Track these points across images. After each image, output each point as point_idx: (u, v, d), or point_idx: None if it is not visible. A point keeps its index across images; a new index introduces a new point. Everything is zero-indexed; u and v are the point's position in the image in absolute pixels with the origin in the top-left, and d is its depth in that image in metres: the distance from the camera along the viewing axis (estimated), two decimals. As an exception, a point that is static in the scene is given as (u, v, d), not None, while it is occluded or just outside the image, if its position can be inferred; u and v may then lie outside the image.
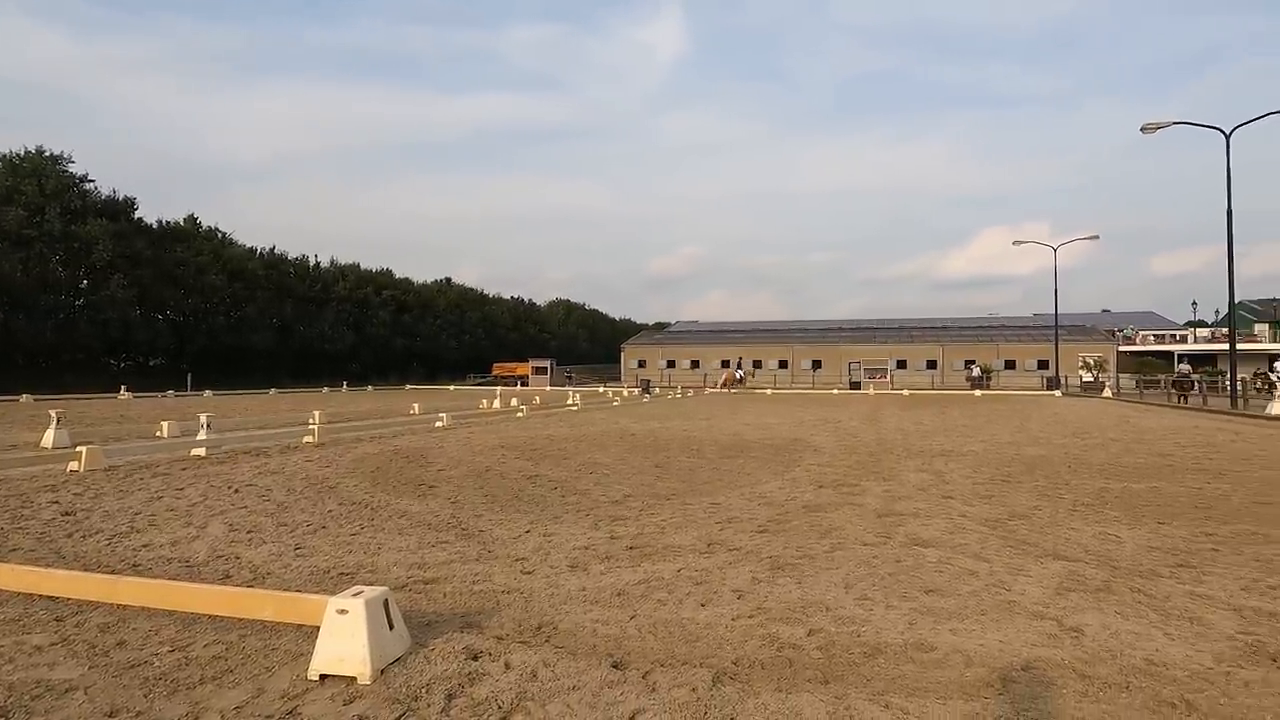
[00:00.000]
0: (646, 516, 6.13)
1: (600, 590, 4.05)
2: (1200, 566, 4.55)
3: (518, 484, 7.87)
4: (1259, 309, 64.91)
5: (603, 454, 10.73)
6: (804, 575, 4.34)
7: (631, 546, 5.07)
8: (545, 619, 3.58)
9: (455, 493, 7.30)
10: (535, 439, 13.05)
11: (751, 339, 68.23)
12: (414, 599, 3.89)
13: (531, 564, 4.62)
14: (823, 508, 6.52)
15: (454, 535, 5.42)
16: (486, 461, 9.77)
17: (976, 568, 4.52)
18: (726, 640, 3.29)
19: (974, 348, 59.31)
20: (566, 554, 4.86)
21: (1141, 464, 9.71)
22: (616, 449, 11.44)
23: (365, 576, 4.30)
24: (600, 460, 9.97)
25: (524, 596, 3.94)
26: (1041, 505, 6.68)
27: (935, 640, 3.28)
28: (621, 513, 6.29)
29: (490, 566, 4.55)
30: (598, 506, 6.58)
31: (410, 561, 4.66)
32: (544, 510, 6.41)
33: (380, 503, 6.74)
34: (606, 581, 4.22)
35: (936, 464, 9.69)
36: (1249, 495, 7.22)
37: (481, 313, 74.95)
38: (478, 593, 4.01)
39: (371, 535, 5.42)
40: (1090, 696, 2.71)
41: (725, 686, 2.78)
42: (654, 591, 4.03)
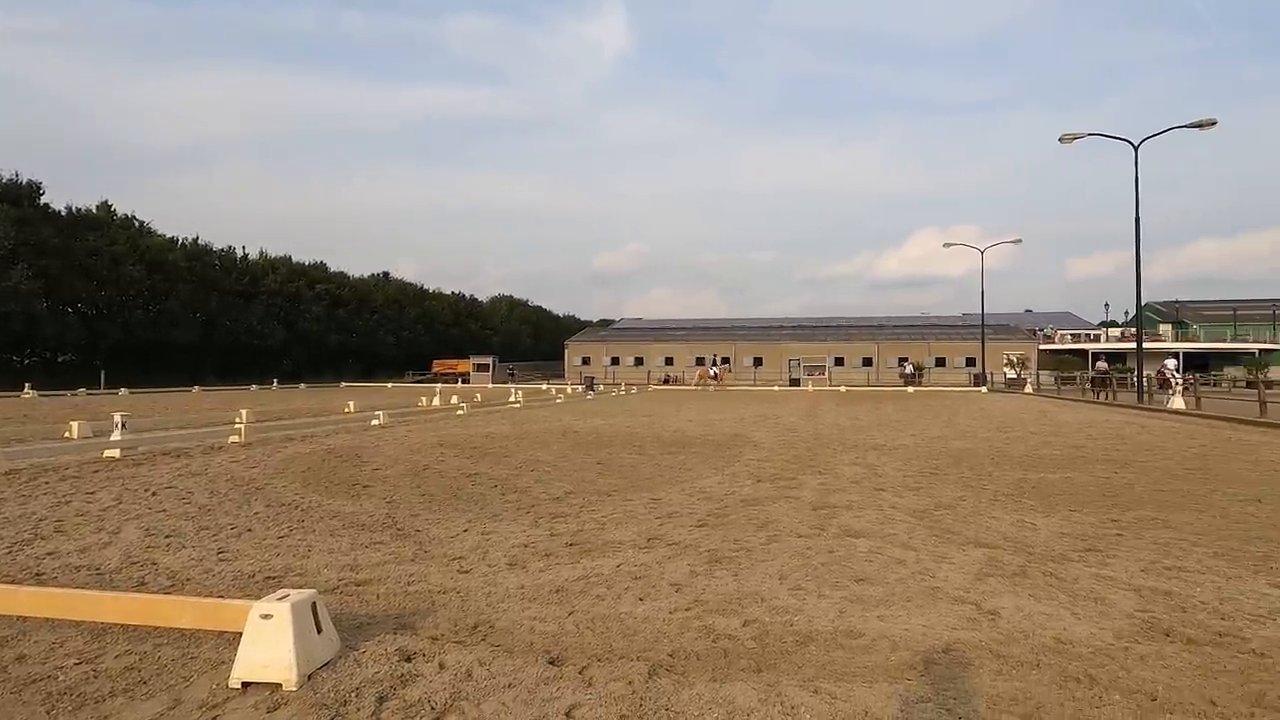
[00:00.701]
0: (587, 513, 6.13)
1: (539, 587, 4.03)
2: (1106, 550, 4.86)
3: (456, 482, 7.74)
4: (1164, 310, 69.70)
5: (544, 451, 10.66)
6: (741, 568, 4.43)
7: (572, 543, 5.06)
8: (482, 618, 3.54)
9: (391, 492, 7.12)
10: (476, 437, 12.85)
11: (695, 336, 68.95)
12: (345, 601, 3.78)
13: (469, 563, 4.55)
14: (760, 501, 6.66)
15: (389, 536, 5.29)
16: (424, 460, 9.57)
17: (904, 556, 4.70)
18: (664, 633, 3.33)
19: (907, 346, 61.58)
20: (505, 552, 4.82)
21: (1057, 456, 10.29)
22: (558, 446, 11.39)
23: (294, 580, 4.15)
24: (542, 458, 9.90)
25: (460, 596, 3.88)
26: (966, 496, 7.00)
27: (864, 627, 3.40)
28: (562, 510, 6.26)
29: (426, 566, 4.46)
30: (538, 504, 6.54)
31: (342, 563, 4.53)
32: (483, 509, 6.32)
33: (311, 504, 6.51)
34: (545, 579, 4.20)
35: (870, 458, 10.03)
36: (1151, 484, 7.75)
37: (421, 308, 73.17)
38: (413, 593, 3.93)
39: (301, 537, 5.23)
40: (1004, 675, 2.87)
41: (661, 678, 2.82)
42: (593, 587, 4.03)
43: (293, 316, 56.78)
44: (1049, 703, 2.62)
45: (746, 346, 65.14)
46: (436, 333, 73.20)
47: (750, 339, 66.46)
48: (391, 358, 65.93)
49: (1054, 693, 2.70)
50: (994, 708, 2.58)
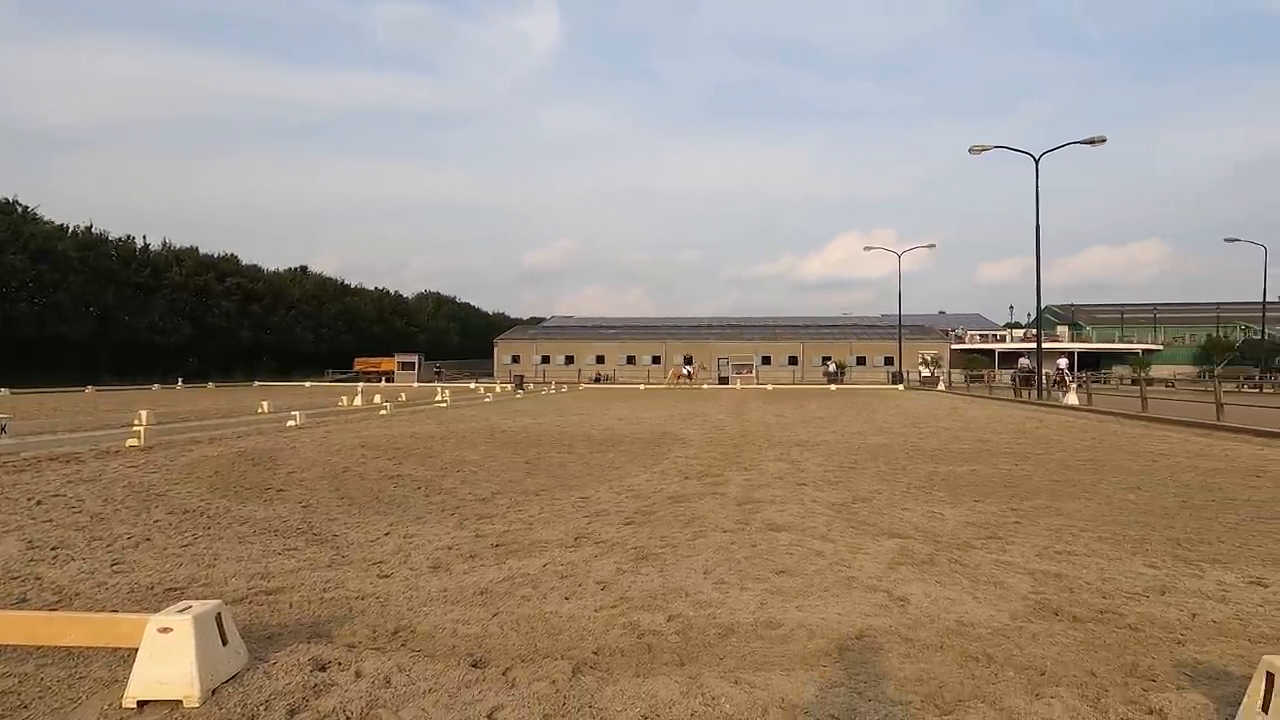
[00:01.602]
0: (514, 513, 6.06)
1: (463, 590, 3.96)
2: (1005, 538, 5.19)
3: (378, 485, 7.50)
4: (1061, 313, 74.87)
5: (471, 451, 10.47)
6: (666, 564, 4.49)
7: (498, 544, 5.00)
8: (403, 623, 3.45)
9: (307, 496, 6.83)
10: (399, 437, 12.48)
11: (626, 335, 69.19)
12: (255, 611, 3.60)
13: (390, 567, 4.42)
14: (688, 498, 6.76)
15: (303, 541, 5.08)
16: (344, 462, 9.22)
17: (823, 548, 4.88)
18: (589, 631, 3.34)
19: (830, 345, 63.81)
20: (428, 555, 4.71)
21: (965, 450, 10.91)
22: (486, 446, 11.20)
23: (198, 591, 3.93)
24: (468, 458, 9.72)
25: (380, 601, 3.77)
26: (881, 489, 7.32)
27: (783, 617, 3.52)
28: (488, 510, 6.17)
29: (344, 572, 4.31)
30: (464, 505, 6.42)
31: (252, 572, 4.31)
32: (406, 511, 6.15)
33: (219, 510, 6.16)
34: (470, 581, 4.13)
35: (793, 453, 10.34)
36: (1046, 475, 8.33)
37: (342, 304, 70.33)
38: (329, 600, 3.79)
39: (207, 545, 4.95)
40: (911, 657, 3.03)
41: (585, 676, 2.82)
42: (519, 588, 4.00)
43: (200, 311, 53.50)
44: (950, 681, 2.78)
45: (676, 345, 65.87)
46: (359, 330, 70.56)
47: (680, 338, 67.25)
48: (310, 356, 63.14)
49: (955, 672, 2.87)
50: (901, 689, 2.72)
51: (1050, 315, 71.72)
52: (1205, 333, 65.04)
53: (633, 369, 64.12)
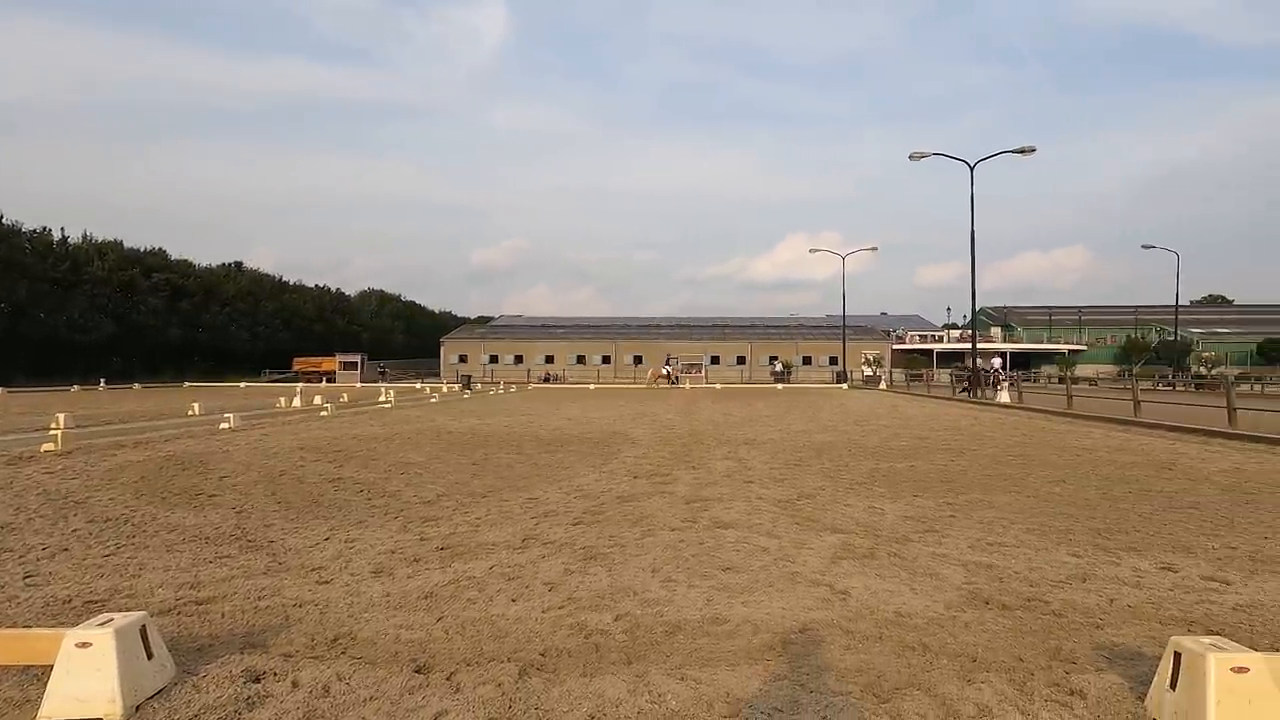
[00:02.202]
0: (460, 515, 5.96)
1: (406, 594, 3.87)
2: (941, 530, 5.39)
3: (317, 488, 7.26)
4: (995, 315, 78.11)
5: (416, 453, 10.25)
6: (615, 563, 4.49)
7: (443, 547, 4.91)
8: (343, 630, 3.35)
9: (241, 501, 6.56)
10: (340, 439, 12.11)
11: (576, 334, 68.91)
12: (184, 623, 3.44)
13: (329, 573, 4.29)
14: (636, 497, 6.78)
15: (237, 548, 4.88)
16: (281, 465, 8.89)
17: (768, 544, 4.97)
18: (536, 633, 3.31)
19: (778, 345, 64.97)
20: (370, 559, 4.59)
21: (904, 446, 11.28)
22: (431, 447, 10.99)
23: (121, 603, 3.73)
24: (413, 460, 9.51)
25: (319, 608, 3.65)
26: (825, 485, 7.50)
27: (729, 613, 3.57)
28: (433, 513, 6.06)
29: (280, 579, 4.16)
30: (408, 508, 6.28)
31: (181, 581, 4.12)
32: (347, 515, 5.98)
33: (145, 517, 5.86)
34: (413, 585, 4.05)
35: (741, 452, 10.49)
36: (980, 470, 8.68)
37: (280, 302, 67.81)
38: (264, 609, 3.65)
39: (131, 555, 4.70)
40: (852, 649, 3.11)
41: (532, 678, 2.80)
42: (464, 591, 3.94)
43: (124, 308, 50.76)
44: (888, 671, 2.87)
45: (627, 345, 65.97)
46: (298, 328, 68.16)
47: (631, 338, 67.38)
48: (246, 355, 60.67)
49: (893, 661, 2.97)
50: (841, 679, 2.80)
51: (984, 317, 74.80)
52: (1125, 334, 68.92)
53: (583, 369, 63.92)
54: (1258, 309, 79.28)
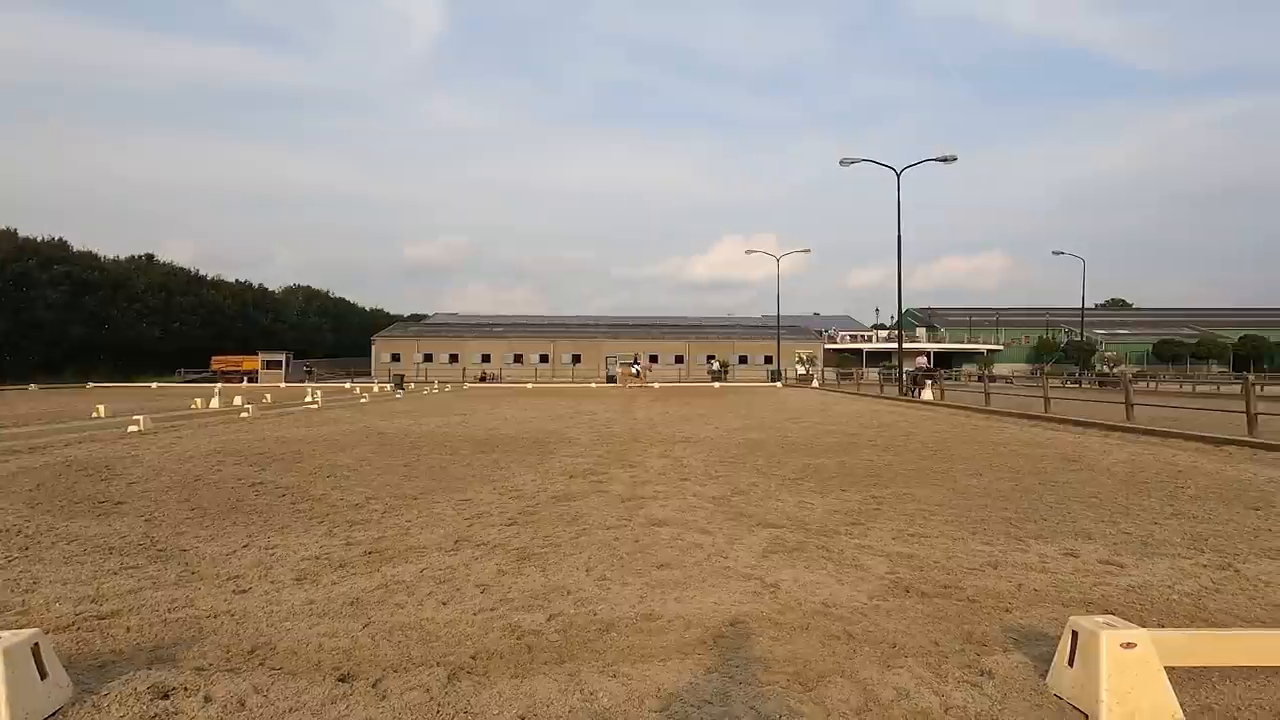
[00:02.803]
0: (390, 518, 5.80)
1: (330, 601, 3.74)
2: (866, 523, 5.60)
3: (236, 493, 6.92)
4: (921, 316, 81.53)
5: (344, 455, 9.90)
6: (549, 563, 4.47)
7: (371, 551, 4.76)
8: (262, 640, 3.21)
9: (151, 509, 6.19)
10: (262, 442, 11.58)
11: (513, 333, 68.05)
12: (84, 639, 3.22)
13: (248, 581, 4.10)
14: (572, 497, 6.76)
15: (146, 558, 4.60)
16: (197, 470, 8.43)
17: (702, 541, 5.04)
18: (467, 635, 3.26)
19: (714, 344, 65.90)
20: (292, 566, 4.41)
21: (834, 443, 11.64)
22: (361, 449, 10.64)
23: (11, 619, 3.46)
24: (341, 462, 9.19)
25: (236, 619, 3.49)
26: (758, 482, 7.67)
27: (662, 610, 3.60)
28: (361, 516, 5.87)
29: (193, 590, 3.95)
30: (335, 512, 6.07)
31: (81, 595, 3.85)
32: (268, 521, 5.72)
33: (40, 527, 5.45)
34: (339, 591, 3.91)
35: (677, 450, 10.60)
36: (904, 464, 9.05)
37: (197, 297, 64.11)
38: (174, 621, 3.46)
39: (25, 568, 4.37)
40: (780, 640, 3.20)
41: (461, 682, 2.76)
42: (393, 595, 3.84)
43: (19, 303, 46.97)
44: (814, 659, 2.97)
45: (565, 344, 65.57)
46: (218, 326, 64.63)
47: (569, 336, 67.01)
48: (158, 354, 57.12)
49: (819, 650, 3.07)
50: (769, 670, 2.87)
51: (910, 318, 78.03)
52: (1038, 335, 73.18)
53: (520, 368, 63.16)
54: (1154, 312, 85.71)
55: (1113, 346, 68.32)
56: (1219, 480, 7.68)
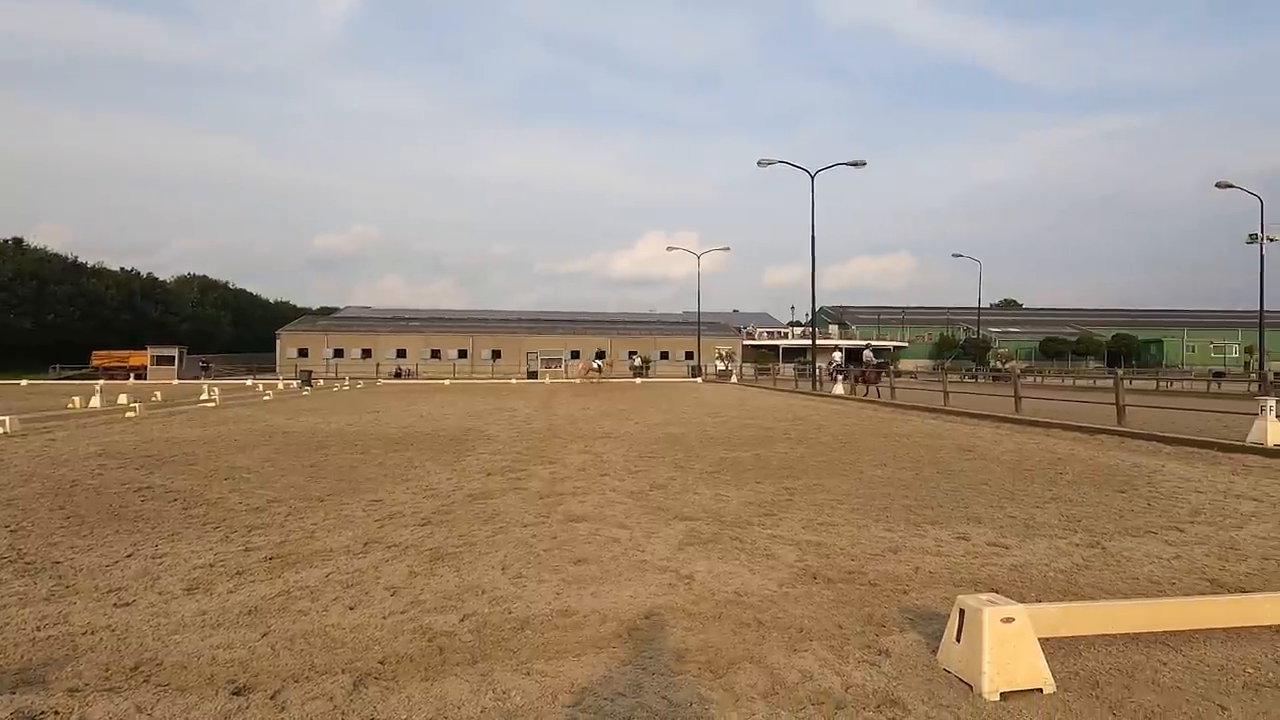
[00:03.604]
0: (294, 521, 5.53)
1: (226, 611, 3.53)
2: (778, 514, 5.80)
3: (120, 499, 6.41)
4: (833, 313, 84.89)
5: (244, 456, 9.35)
6: (463, 563, 4.38)
7: (272, 556, 4.52)
8: (147, 655, 2.99)
9: (18, 518, 5.64)
10: (151, 443, 10.77)
11: (430, 327, 66.11)
12: (-66, 664, 2.91)
13: (132, 593, 3.81)
14: (490, 495, 6.65)
15: (11, 573, 4.19)
16: (74, 474, 7.75)
17: (619, 535, 5.08)
18: (375, 640, 3.16)
19: (636, 340, 66.30)
20: (183, 575, 4.13)
21: (750, 436, 11.97)
22: (263, 450, 10.07)
23: None
24: (240, 464, 8.67)
25: (116, 634, 3.23)
26: (676, 476, 7.79)
27: (578, 605, 3.61)
28: (262, 521, 5.56)
29: (67, 605, 3.63)
30: (232, 516, 5.72)
31: (-69, 615, 3.47)
32: (156, 527, 5.33)
33: (-118, 542, 4.86)
34: (235, 600, 3.70)
35: (597, 446, 10.61)
36: (816, 456, 9.42)
37: (75, 286, 58.76)
38: (45, 640, 3.17)
39: None
40: (693, 630, 3.27)
41: (368, 688, 2.67)
42: (295, 602, 3.66)
43: None
44: (725, 647, 3.05)
45: (485, 339, 64.30)
46: (99, 318, 59.50)
47: (489, 331, 65.75)
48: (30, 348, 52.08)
49: (730, 638, 3.16)
50: (682, 660, 2.93)
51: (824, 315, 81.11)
52: (939, 332, 77.67)
53: (438, 363, 61.46)
54: (1041, 311, 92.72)
55: (1005, 344, 73.47)
56: (1092, 466, 8.41)
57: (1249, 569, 4.26)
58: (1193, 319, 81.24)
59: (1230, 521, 5.52)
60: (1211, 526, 5.35)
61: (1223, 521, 5.52)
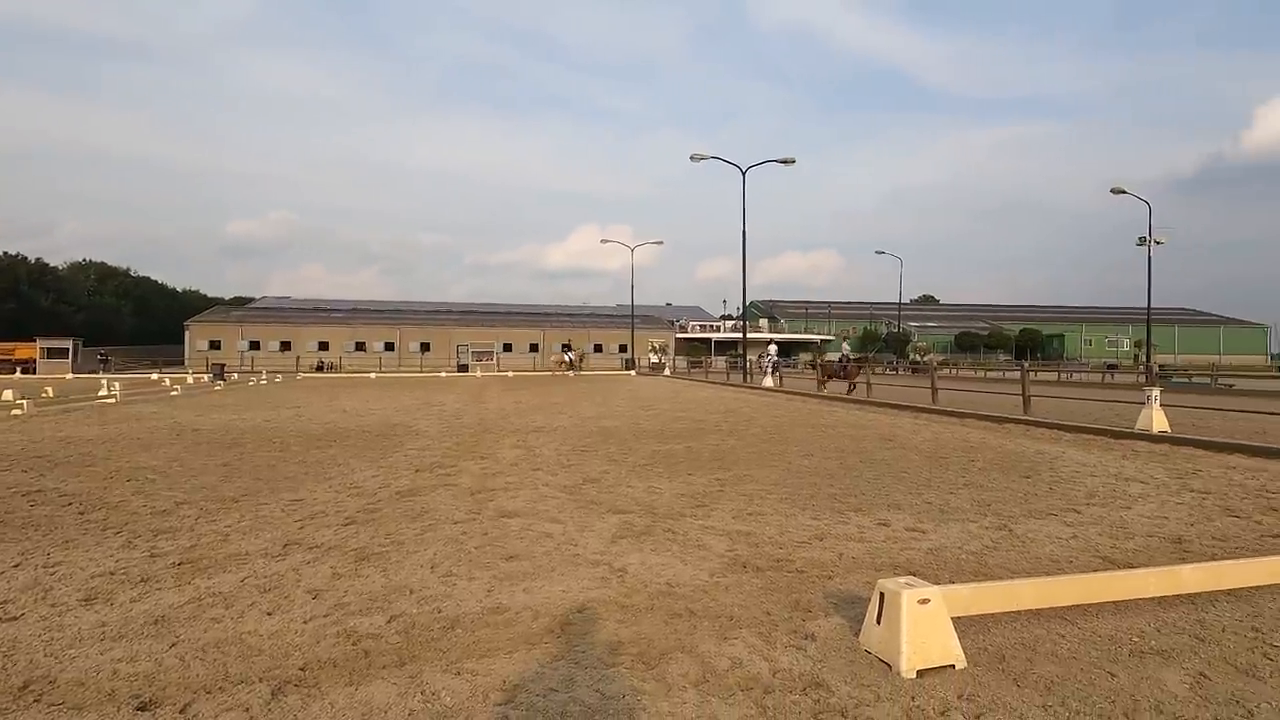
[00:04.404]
0: (206, 524, 5.23)
1: (129, 622, 3.31)
2: (710, 505, 5.90)
3: (3, 505, 5.90)
4: (764, 308, 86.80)
5: (149, 456, 8.77)
6: (390, 563, 4.26)
7: (181, 562, 4.27)
8: (38, 673, 2.77)
9: (-116, 527, 5.11)
10: (42, 443, 9.96)
11: (355, 318, 63.75)
12: None
13: (20, 606, 3.52)
14: (418, 492, 6.49)
15: (-125, 588, 3.79)
16: (-49, 479, 7.07)
17: (552, 530, 5.05)
18: (295, 646, 3.03)
19: (570, 333, 65.89)
20: (80, 585, 3.84)
21: (683, 429, 12.12)
22: (171, 449, 9.48)
23: None
24: (145, 464, 8.13)
25: (2, 651, 2.98)
26: (609, 469, 7.80)
27: (510, 602, 3.57)
28: (170, 524, 5.24)
29: (-57, 621, 3.32)
30: (136, 520, 5.36)
31: None
32: (48, 534, 4.94)
33: None
34: (140, 609, 3.47)
35: (530, 440, 10.51)
36: (746, 448, 9.63)
37: (-49, 272, 53.52)
38: (-84, 661, 2.89)
39: None
40: (626, 622, 3.29)
41: (288, 697, 2.56)
42: (207, 610, 3.47)
43: None
44: (657, 638, 3.08)
45: (413, 331, 62.51)
46: (-21, 306, 54.39)
47: (417, 323, 63.95)
48: (-105, 339, 47.07)
49: (662, 629, 3.20)
50: (615, 652, 2.94)
51: (754, 309, 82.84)
52: (863, 326, 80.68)
53: (364, 356, 59.37)
54: (956, 307, 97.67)
55: (924, 337, 77.04)
56: (1001, 454, 8.95)
57: (1136, 546, 4.63)
58: (1091, 315, 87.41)
59: (1120, 503, 5.98)
60: (1104, 508, 5.78)
61: (1114, 503, 5.97)
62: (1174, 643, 3.05)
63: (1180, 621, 3.28)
